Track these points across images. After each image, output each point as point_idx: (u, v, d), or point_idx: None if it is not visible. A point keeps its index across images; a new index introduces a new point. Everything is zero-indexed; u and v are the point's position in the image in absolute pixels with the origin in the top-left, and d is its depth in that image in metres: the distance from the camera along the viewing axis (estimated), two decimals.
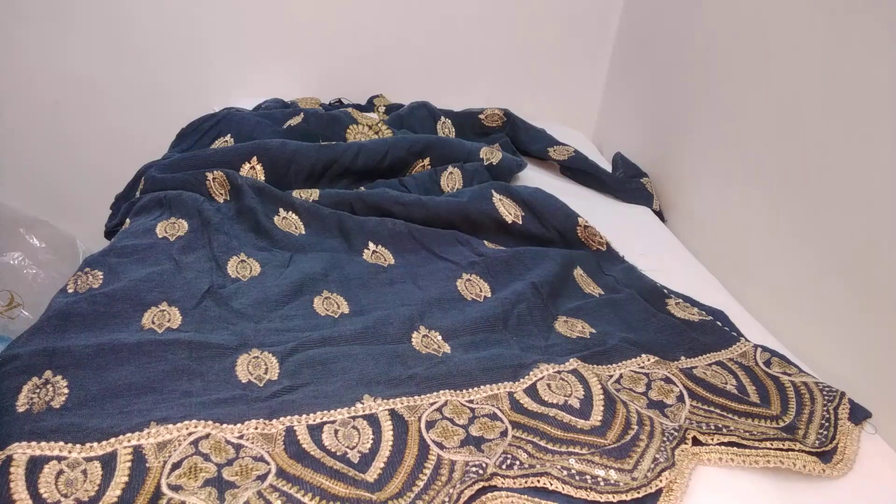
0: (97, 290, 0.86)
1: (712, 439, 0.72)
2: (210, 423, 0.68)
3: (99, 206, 1.33)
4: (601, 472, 0.67)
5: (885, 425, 0.78)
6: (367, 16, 1.63)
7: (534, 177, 1.43)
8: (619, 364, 0.84)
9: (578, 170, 1.46)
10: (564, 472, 0.66)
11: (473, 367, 0.81)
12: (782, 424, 0.75)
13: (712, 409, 0.78)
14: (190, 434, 0.66)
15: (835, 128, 0.92)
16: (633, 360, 0.85)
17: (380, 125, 1.43)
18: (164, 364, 0.75)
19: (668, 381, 0.81)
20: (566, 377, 0.79)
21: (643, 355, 0.85)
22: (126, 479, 0.61)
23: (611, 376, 0.82)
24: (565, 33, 1.72)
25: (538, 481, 0.65)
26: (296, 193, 1.16)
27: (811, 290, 0.95)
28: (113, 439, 0.65)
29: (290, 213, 1.11)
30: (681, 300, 0.99)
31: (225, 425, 0.68)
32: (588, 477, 0.66)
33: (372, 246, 1.07)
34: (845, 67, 0.90)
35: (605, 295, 1.00)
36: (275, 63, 1.67)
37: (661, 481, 0.66)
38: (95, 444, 0.64)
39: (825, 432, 0.74)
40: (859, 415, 0.78)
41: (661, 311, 0.96)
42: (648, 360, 0.85)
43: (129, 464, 0.62)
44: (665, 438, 0.72)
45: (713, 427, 0.74)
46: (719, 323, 0.94)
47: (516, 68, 1.75)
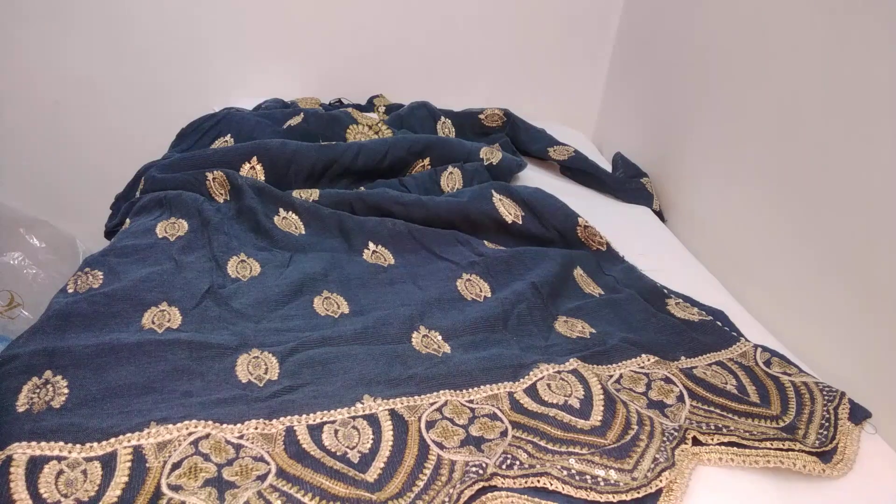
0: (97, 290, 0.86)
1: (712, 439, 0.72)
2: (210, 423, 0.68)
3: (99, 206, 1.33)
4: (601, 472, 0.67)
5: (885, 425, 0.78)
6: (367, 16, 1.63)
7: (534, 177, 1.43)
8: (619, 364, 0.84)
9: (578, 170, 1.46)
10: (564, 472, 0.66)
11: (473, 367, 0.81)
12: (782, 424, 0.75)
13: (712, 409, 0.78)
14: (190, 434, 0.66)
15: (835, 128, 0.92)
16: (633, 360, 0.85)
17: (380, 125, 1.43)
18: (164, 364, 0.75)
19: (668, 381, 0.81)
20: (566, 377, 0.79)
21: (643, 355, 0.85)
22: (126, 479, 0.61)
23: (611, 376, 0.82)
24: (565, 33, 1.72)
25: (538, 481, 0.65)
26: (296, 193, 1.16)
27: (811, 290, 0.95)
28: (113, 439, 0.65)
29: (290, 213, 1.11)
30: (681, 300, 0.99)
31: (225, 425, 0.68)
32: (588, 477, 0.66)
33: (372, 246, 1.07)
34: (845, 67, 0.90)
35: (605, 295, 1.00)
36: (275, 63, 1.67)
37: (661, 481, 0.66)
38: (95, 444, 0.64)
39: (825, 432, 0.74)
40: (859, 415, 0.78)
41: (661, 311, 0.96)
42: (648, 360, 0.85)
43: (129, 464, 0.62)
44: (665, 438, 0.72)
45: (713, 427, 0.74)
46: (719, 323, 0.94)
47: (516, 68, 1.75)
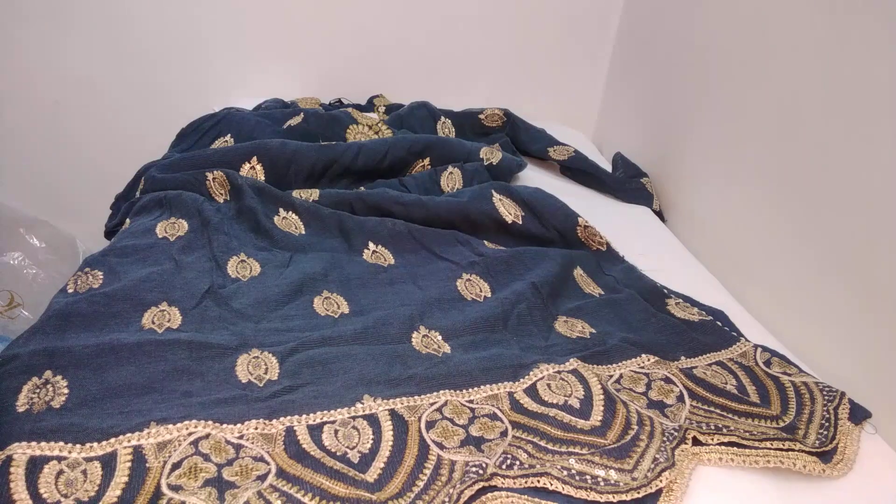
0: (97, 290, 0.86)
1: (712, 439, 0.72)
2: (210, 423, 0.68)
3: (99, 206, 1.33)
4: (601, 472, 0.67)
5: (885, 425, 0.78)
6: (367, 16, 1.63)
7: (534, 177, 1.43)
8: (619, 364, 0.84)
9: (578, 170, 1.46)
10: (564, 472, 0.66)
11: (473, 367, 0.81)
12: (782, 424, 0.75)
13: (712, 409, 0.78)
14: (190, 434, 0.66)
15: (835, 128, 0.92)
16: (633, 360, 0.85)
17: (380, 125, 1.43)
18: (164, 364, 0.75)
19: (668, 381, 0.81)
20: (566, 377, 0.79)
21: (643, 355, 0.85)
22: (126, 479, 0.61)
23: (611, 376, 0.82)
24: (565, 33, 1.72)
25: (538, 481, 0.65)
26: (296, 193, 1.16)
27: (811, 290, 0.95)
28: (113, 439, 0.65)
29: (290, 213, 1.11)
30: (681, 300, 0.99)
31: (225, 425, 0.68)
32: (588, 477, 0.66)
33: (372, 246, 1.07)
34: (845, 67, 0.90)
35: (605, 295, 1.00)
36: (275, 63, 1.67)
37: (661, 481, 0.66)
38: (95, 444, 0.64)
39: (825, 432, 0.74)
40: (859, 415, 0.78)
41: (661, 311, 0.96)
42: (648, 360, 0.85)
43: (129, 464, 0.62)
44: (665, 438, 0.71)
45: (713, 427, 0.74)
46: (719, 323, 0.94)
47: (516, 68, 1.75)
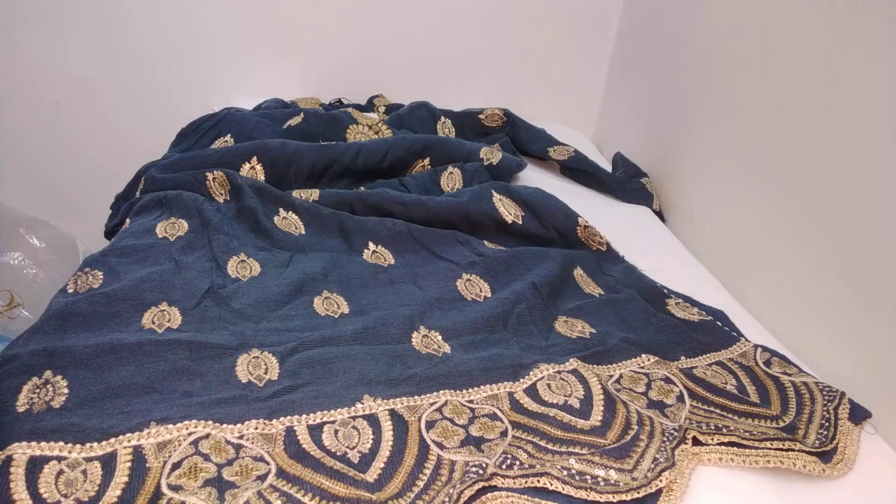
0: (97, 290, 0.86)
1: (712, 439, 0.72)
2: (210, 423, 0.68)
3: (99, 206, 1.33)
4: (601, 472, 0.67)
5: (885, 425, 0.78)
6: (367, 16, 1.63)
7: (534, 177, 1.43)
8: (619, 364, 0.84)
9: (578, 170, 1.46)
10: (564, 472, 0.66)
11: (473, 367, 0.81)
12: (782, 424, 0.75)
13: (712, 409, 0.78)
14: (190, 434, 0.66)
15: (835, 128, 0.92)
16: (633, 360, 0.85)
17: (380, 125, 1.43)
18: (164, 364, 0.75)
19: (668, 381, 0.81)
20: (566, 377, 0.79)
21: (643, 355, 0.85)
22: (126, 479, 0.61)
23: (611, 376, 0.82)
24: (565, 33, 1.72)
25: (538, 481, 0.65)
26: (296, 193, 1.16)
27: (811, 290, 0.95)
28: (113, 439, 0.65)
29: (290, 213, 1.11)
30: (681, 300, 0.99)
31: (225, 425, 0.68)
32: (588, 477, 0.66)
33: (372, 246, 1.07)
34: (845, 67, 0.90)
35: (605, 295, 1.00)
36: (275, 63, 1.67)
37: (661, 481, 0.66)
38: (95, 444, 0.64)
39: (825, 432, 0.74)
40: (859, 415, 0.78)
41: (661, 311, 0.96)
42: (648, 360, 0.85)
43: (129, 464, 0.62)
44: (665, 438, 0.71)
45: (713, 427, 0.74)
46: (719, 323, 0.94)
47: (516, 68, 1.75)
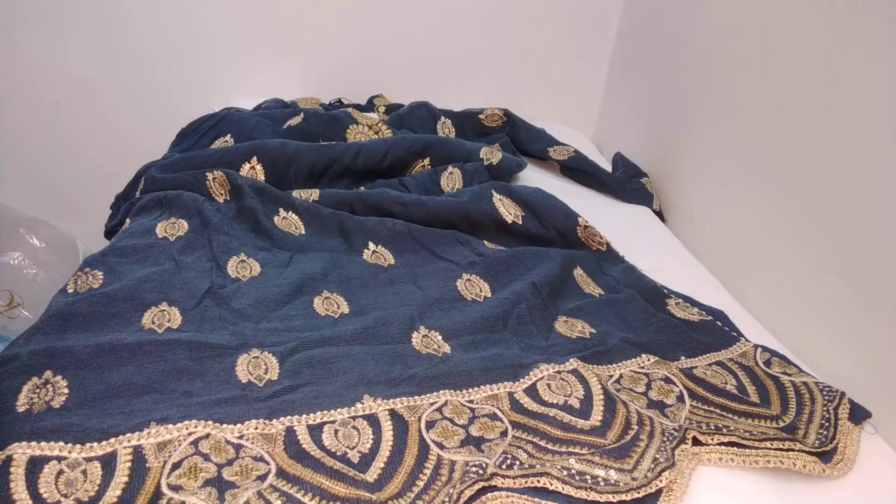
0: (97, 290, 0.86)
1: (712, 439, 0.72)
2: (210, 423, 0.68)
3: (99, 206, 1.33)
4: (601, 472, 0.67)
5: (885, 425, 0.78)
6: (367, 16, 1.63)
7: (534, 177, 1.43)
8: (619, 364, 0.84)
9: (578, 170, 1.46)
10: (564, 472, 0.66)
11: (473, 367, 0.81)
12: (782, 424, 0.75)
13: (712, 409, 0.78)
14: (190, 434, 0.66)
15: (835, 128, 0.92)
16: (633, 360, 0.85)
17: (380, 125, 1.43)
18: (164, 364, 0.75)
19: (668, 381, 0.81)
20: (566, 377, 0.79)
21: (643, 355, 0.85)
22: (126, 479, 0.61)
23: (611, 376, 0.82)
24: (565, 33, 1.72)
25: (538, 481, 0.65)
26: (296, 193, 1.16)
27: (811, 290, 0.95)
28: (113, 439, 0.65)
29: (290, 213, 1.11)
30: (681, 300, 0.99)
31: (225, 425, 0.68)
32: (588, 477, 0.66)
33: (372, 246, 1.07)
34: (845, 67, 0.90)
35: (605, 295, 1.00)
36: (275, 63, 1.67)
37: (661, 481, 0.66)
38: (95, 444, 0.64)
39: (825, 432, 0.74)
40: (859, 415, 0.78)
41: (661, 311, 0.96)
42: (648, 360, 0.85)
43: (129, 464, 0.62)
44: (665, 438, 0.71)
45: (713, 427, 0.74)
46: (719, 323, 0.94)
47: (516, 68, 1.75)
